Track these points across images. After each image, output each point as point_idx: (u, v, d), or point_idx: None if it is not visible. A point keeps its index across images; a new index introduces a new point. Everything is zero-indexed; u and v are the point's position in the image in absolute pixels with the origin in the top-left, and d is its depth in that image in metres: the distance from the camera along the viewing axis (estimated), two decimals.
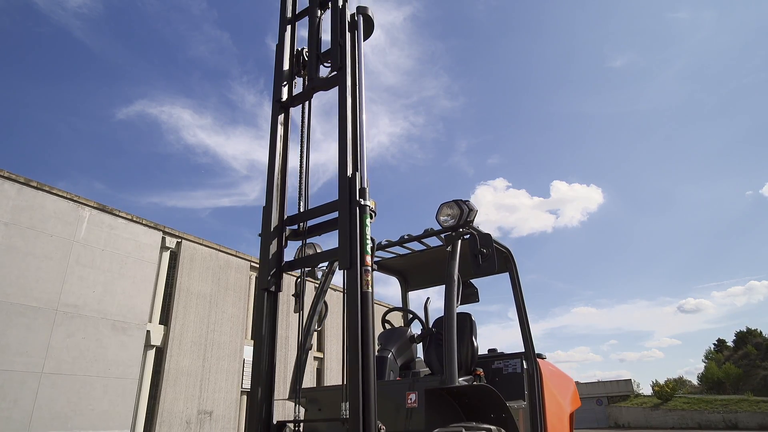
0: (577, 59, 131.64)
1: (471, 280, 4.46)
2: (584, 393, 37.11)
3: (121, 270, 13.45)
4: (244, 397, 16.31)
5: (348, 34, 3.02)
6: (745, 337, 43.49)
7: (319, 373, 20.12)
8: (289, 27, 3.39)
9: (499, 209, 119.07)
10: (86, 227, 12.87)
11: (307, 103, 3.27)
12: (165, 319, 14.52)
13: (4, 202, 11.41)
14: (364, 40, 3.08)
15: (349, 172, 2.64)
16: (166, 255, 15.01)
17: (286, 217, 2.99)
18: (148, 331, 13.82)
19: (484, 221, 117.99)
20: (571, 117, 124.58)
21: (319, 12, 3.35)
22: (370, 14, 3.14)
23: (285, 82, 3.23)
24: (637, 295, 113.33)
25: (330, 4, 3.22)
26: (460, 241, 3.20)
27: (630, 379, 37.24)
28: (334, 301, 21.12)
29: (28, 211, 11.81)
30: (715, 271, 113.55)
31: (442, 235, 3.61)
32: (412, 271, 4.85)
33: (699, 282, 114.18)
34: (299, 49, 3.40)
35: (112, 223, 13.52)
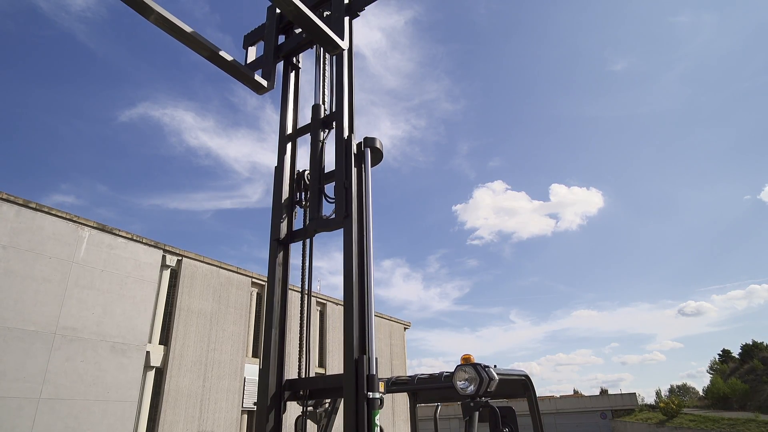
0: (578, 63, 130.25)
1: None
2: (588, 406, 36.88)
3: (120, 290, 13.24)
4: (245, 417, 16.12)
5: (354, 170, 2.69)
6: (751, 350, 42.85)
7: None
8: (289, 145, 3.07)
9: (499, 213, 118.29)
10: (85, 248, 12.67)
11: (308, 240, 2.92)
12: (165, 339, 14.32)
13: (3, 224, 11.21)
14: (372, 166, 2.75)
15: (355, 354, 2.32)
16: (167, 273, 14.80)
17: (285, 380, 2.68)
18: (147, 352, 13.63)
19: (484, 225, 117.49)
20: (571, 120, 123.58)
21: (321, 134, 3.02)
22: (378, 146, 2.80)
23: (284, 215, 2.90)
24: (638, 298, 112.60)
25: (334, 125, 2.90)
26: (478, 413, 2.86)
27: (634, 393, 36.93)
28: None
29: (26, 233, 11.61)
30: (715, 275, 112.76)
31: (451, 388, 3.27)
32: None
33: (699, 285, 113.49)
34: (300, 171, 3.07)
35: (112, 242, 13.31)
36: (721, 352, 50.34)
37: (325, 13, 3.19)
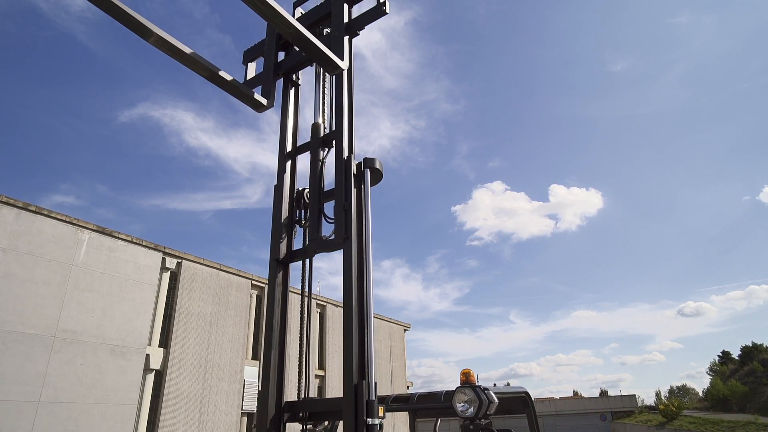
0: (577, 63, 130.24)
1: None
2: (588, 408, 36.93)
3: (120, 293, 13.24)
4: (245, 419, 16.12)
5: (354, 191, 2.66)
6: (750, 352, 42.84)
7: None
8: (288, 163, 3.05)
9: (498, 213, 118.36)
10: (85, 250, 12.66)
11: (307, 260, 2.90)
12: (165, 342, 14.32)
13: (2, 227, 11.21)
14: (371, 186, 2.73)
15: (355, 379, 2.29)
16: (166, 276, 14.79)
17: (284, 402, 2.65)
18: (147, 355, 13.63)
19: (483, 226, 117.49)
20: (571, 121, 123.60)
21: (321, 153, 3.00)
22: (378, 167, 2.77)
23: (284, 235, 2.87)
24: (637, 299, 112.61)
25: (334, 144, 2.88)
26: None
27: (634, 395, 37.05)
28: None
29: (26, 236, 11.61)
30: (715, 275, 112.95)
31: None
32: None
33: (699, 285, 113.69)
34: (299, 189, 3.05)
35: (112, 245, 13.30)
36: (720, 354, 50.41)
37: (325, 31, 3.19)
